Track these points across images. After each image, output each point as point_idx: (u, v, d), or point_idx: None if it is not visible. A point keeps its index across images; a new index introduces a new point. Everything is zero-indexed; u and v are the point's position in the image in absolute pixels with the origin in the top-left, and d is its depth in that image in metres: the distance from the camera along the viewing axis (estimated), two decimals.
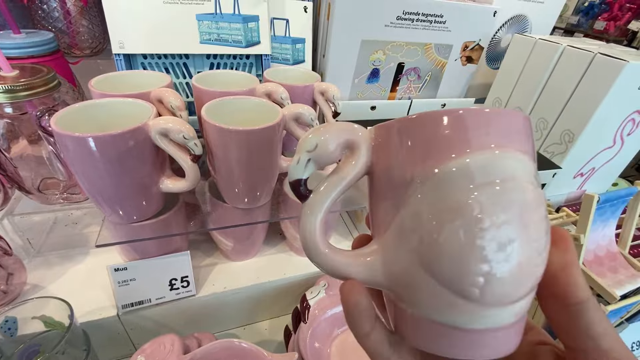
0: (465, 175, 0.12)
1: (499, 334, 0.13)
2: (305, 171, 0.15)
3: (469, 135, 0.13)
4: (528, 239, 0.12)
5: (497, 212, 0.12)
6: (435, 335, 0.14)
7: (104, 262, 0.43)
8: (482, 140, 0.13)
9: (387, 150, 0.14)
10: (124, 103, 0.33)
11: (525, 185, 0.12)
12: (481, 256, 0.12)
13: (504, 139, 0.13)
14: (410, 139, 0.13)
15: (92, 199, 0.32)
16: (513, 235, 0.12)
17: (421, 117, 0.13)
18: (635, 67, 0.45)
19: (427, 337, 0.14)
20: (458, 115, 0.13)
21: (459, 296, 0.12)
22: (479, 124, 0.13)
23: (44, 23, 0.51)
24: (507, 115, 0.13)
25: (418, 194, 0.13)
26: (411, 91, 0.65)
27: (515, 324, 0.13)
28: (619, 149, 0.57)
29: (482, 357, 0.13)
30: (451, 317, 0.13)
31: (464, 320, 0.13)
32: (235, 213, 0.40)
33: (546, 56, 0.55)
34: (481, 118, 0.13)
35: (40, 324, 0.33)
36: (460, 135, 0.13)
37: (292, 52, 0.54)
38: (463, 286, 0.12)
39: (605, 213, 0.43)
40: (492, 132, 0.13)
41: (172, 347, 0.33)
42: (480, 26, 0.61)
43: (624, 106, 0.51)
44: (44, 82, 0.36)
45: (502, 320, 0.13)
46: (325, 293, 0.43)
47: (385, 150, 0.14)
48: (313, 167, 0.15)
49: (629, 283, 0.41)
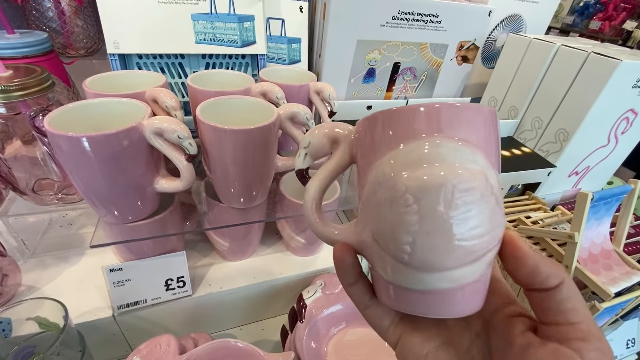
0: (400, 161, 0.15)
1: (440, 296, 0.15)
2: (304, 163, 0.20)
3: (409, 127, 0.15)
4: (449, 217, 0.14)
5: (420, 192, 0.14)
6: (393, 294, 0.17)
7: (99, 263, 0.43)
8: (419, 131, 0.15)
9: (360, 142, 0.17)
10: (118, 103, 0.33)
11: (453, 169, 0.14)
12: (406, 229, 0.14)
13: (444, 129, 0.14)
14: (371, 131, 0.16)
15: (87, 199, 0.32)
16: (434, 213, 0.14)
17: (382, 112, 0.16)
18: (629, 66, 0.46)
19: (387, 295, 0.17)
20: (404, 109, 0.15)
21: (397, 261, 0.15)
22: (421, 117, 0.15)
23: (38, 23, 0.50)
24: (452, 108, 0.15)
25: (373, 177, 0.16)
26: (407, 91, 0.66)
27: (458, 290, 0.15)
28: (613, 148, 0.57)
29: (432, 314, 0.16)
30: (397, 278, 0.16)
31: (407, 282, 0.15)
32: (231, 213, 0.40)
33: (541, 56, 0.55)
34: (422, 112, 0.15)
35: (35, 325, 0.33)
36: (404, 127, 0.15)
37: (288, 51, 0.54)
38: (397, 253, 0.15)
39: (600, 211, 0.43)
40: (433, 124, 0.15)
41: (168, 347, 0.33)
42: (475, 26, 0.62)
43: (618, 105, 0.51)
44: (38, 82, 0.36)
45: (439, 284, 0.15)
46: (322, 292, 0.43)
47: (359, 142, 0.17)
48: (310, 160, 0.20)
49: (623, 280, 0.41)
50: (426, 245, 0.14)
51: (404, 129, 0.15)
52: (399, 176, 0.14)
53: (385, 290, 0.17)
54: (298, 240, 0.47)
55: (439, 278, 0.15)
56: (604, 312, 0.39)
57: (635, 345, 0.55)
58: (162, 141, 0.31)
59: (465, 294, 0.15)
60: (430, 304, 0.15)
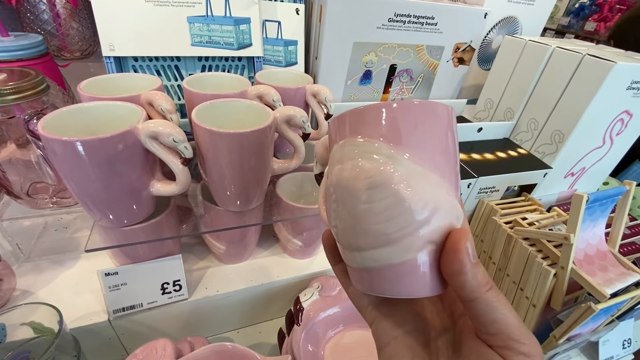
0: (331, 161, 0.18)
1: (374, 274, 0.17)
2: (317, 169, 0.25)
3: (338, 131, 0.18)
4: (355, 205, 0.16)
5: (335, 185, 0.17)
6: (349, 272, 0.19)
7: (94, 267, 0.43)
8: (341, 134, 0.18)
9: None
10: (113, 106, 0.32)
11: (354, 164, 0.16)
12: (332, 214, 0.18)
13: (360, 131, 0.17)
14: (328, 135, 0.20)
15: (82, 203, 0.32)
16: (344, 201, 0.17)
17: (333, 118, 0.18)
18: (623, 67, 0.46)
19: (349, 274, 0.20)
20: (341, 116, 0.18)
21: (337, 241, 0.19)
22: (343, 121, 0.18)
23: (32, 25, 0.50)
24: (355, 111, 0.17)
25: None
26: (404, 92, 0.66)
27: (386, 269, 0.16)
28: (608, 149, 0.58)
29: (374, 291, 0.18)
30: (345, 256, 0.19)
31: (347, 259, 0.19)
32: (227, 216, 0.40)
33: (536, 57, 0.55)
34: (344, 117, 0.17)
35: (29, 330, 0.33)
36: (337, 131, 0.18)
37: (285, 54, 0.54)
38: (334, 234, 0.19)
39: (595, 212, 0.43)
40: (345, 128, 0.17)
41: (164, 351, 0.33)
42: (471, 28, 0.62)
43: (613, 106, 0.51)
44: (32, 85, 0.36)
45: (367, 263, 0.17)
46: (319, 295, 0.43)
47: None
48: (320, 166, 0.24)
49: (619, 281, 0.41)
50: (343, 227, 0.17)
51: (336, 133, 0.18)
52: (330, 174, 0.18)
53: (347, 269, 0.20)
54: (295, 243, 0.47)
55: (364, 257, 0.17)
56: (599, 313, 0.39)
57: (631, 345, 0.56)
58: (157, 145, 0.30)
59: (396, 274, 0.16)
60: (368, 280, 0.18)
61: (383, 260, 0.16)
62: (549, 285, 0.42)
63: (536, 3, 0.68)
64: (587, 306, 0.39)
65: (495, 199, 0.56)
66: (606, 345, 0.53)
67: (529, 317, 0.45)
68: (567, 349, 0.47)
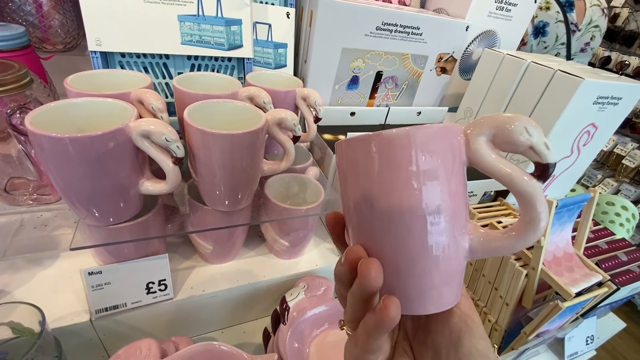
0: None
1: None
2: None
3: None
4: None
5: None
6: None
7: (75, 266, 0.42)
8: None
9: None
10: (103, 103, 0.32)
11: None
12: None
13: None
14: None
15: (67, 200, 0.31)
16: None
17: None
18: (590, 84, 0.50)
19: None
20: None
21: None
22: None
23: (14, 16, 0.48)
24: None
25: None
26: (389, 99, 0.68)
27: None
28: (575, 158, 0.62)
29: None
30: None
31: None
32: (215, 216, 0.40)
33: (513, 70, 0.58)
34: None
35: (7, 331, 0.32)
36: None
37: (274, 56, 0.55)
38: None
39: (563, 217, 0.46)
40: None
41: (149, 351, 0.33)
42: (454, 39, 0.65)
43: (581, 119, 0.55)
44: (16, 78, 0.35)
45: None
46: (305, 294, 0.44)
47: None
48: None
49: (583, 281, 0.44)
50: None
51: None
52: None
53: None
54: (282, 243, 0.48)
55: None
56: (565, 310, 0.42)
57: (594, 342, 0.60)
58: (148, 143, 0.30)
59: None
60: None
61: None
62: (521, 285, 0.45)
63: (514, 19, 0.72)
64: (555, 304, 0.41)
65: (473, 203, 0.59)
66: (571, 342, 0.57)
67: (502, 315, 0.48)
68: (536, 344, 0.50)
